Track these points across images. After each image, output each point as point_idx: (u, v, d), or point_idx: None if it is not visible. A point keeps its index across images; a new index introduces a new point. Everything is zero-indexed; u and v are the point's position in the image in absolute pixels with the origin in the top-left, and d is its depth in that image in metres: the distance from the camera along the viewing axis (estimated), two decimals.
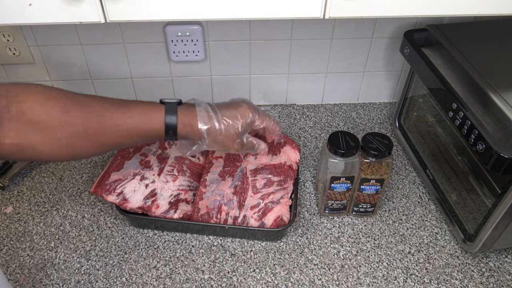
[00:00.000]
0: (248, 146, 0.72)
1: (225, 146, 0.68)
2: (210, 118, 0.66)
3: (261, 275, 0.74)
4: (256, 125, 0.72)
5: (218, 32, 0.95)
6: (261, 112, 0.72)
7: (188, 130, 0.65)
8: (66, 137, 0.56)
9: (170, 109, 0.64)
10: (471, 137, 0.64)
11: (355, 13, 0.57)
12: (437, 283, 0.73)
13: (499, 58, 0.75)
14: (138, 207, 0.76)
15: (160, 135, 0.64)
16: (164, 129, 0.63)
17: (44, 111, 0.55)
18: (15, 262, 0.76)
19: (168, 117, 0.63)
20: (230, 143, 0.68)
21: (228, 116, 0.67)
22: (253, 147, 0.74)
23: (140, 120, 0.62)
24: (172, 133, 0.64)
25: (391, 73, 1.07)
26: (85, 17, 0.55)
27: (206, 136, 0.65)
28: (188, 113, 0.65)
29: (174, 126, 0.63)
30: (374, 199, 0.80)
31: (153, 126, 0.63)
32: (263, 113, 0.73)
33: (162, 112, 0.63)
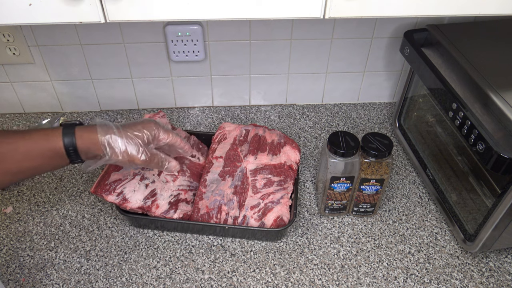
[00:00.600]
0: (155, 161, 0.69)
1: (129, 157, 0.66)
2: (109, 128, 0.65)
3: (261, 275, 0.74)
4: (161, 139, 0.70)
5: (218, 32, 0.95)
6: (166, 128, 0.71)
7: (88, 145, 0.63)
8: None
9: (67, 127, 0.63)
10: (471, 137, 0.64)
11: (355, 13, 0.57)
12: (437, 283, 0.73)
13: (499, 58, 0.75)
14: (138, 207, 0.76)
15: (61, 154, 0.62)
16: (63, 146, 0.62)
17: None
18: (15, 262, 0.76)
19: (66, 133, 0.62)
20: (133, 154, 0.65)
21: (130, 128, 0.67)
22: (162, 162, 0.70)
23: (38, 139, 0.61)
24: (73, 150, 0.62)
25: (391, 73, 1.07)
26: (85, 17, 0.55)
27: (107, 146, 0.64)
28: (88, 129, 0.64)
29: (72, 141, 0.62)
30: (374, 199, 0.80)
31: (52, 145, 0.61)
32: (169, 130, 0.72)
33: (59, 131, 0.62)
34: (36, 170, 0.65)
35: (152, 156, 0.68)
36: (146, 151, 0.67)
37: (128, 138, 0.65)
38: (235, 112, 1.09)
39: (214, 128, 1.05)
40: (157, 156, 0.70)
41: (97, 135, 0.63)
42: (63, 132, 0.62)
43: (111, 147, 0.64)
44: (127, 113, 1.09)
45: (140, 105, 1.09)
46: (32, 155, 0.61)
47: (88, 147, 0.63)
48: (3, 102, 1.05)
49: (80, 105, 1.08)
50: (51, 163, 0.64)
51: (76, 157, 0.64)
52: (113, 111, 1.09)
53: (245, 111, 1.10)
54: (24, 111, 1.08)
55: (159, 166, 0.71)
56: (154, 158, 0.69)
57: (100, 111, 1.09)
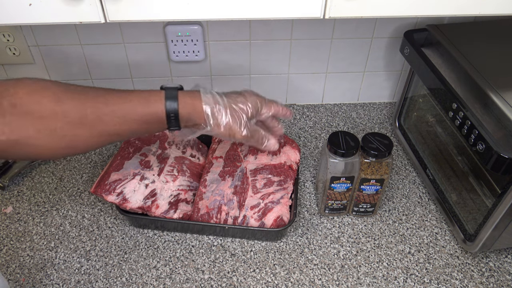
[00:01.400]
0: (256, 137, 0.67)
1: (231, 131, 0.63)
2: (214, 98, 0.62)
3: (261, 275, 0.74)
4: (264, 112, 0.68)
5: (218, 32, 0.95)
6: (267, 99, 0.69)
7: (190, 112, 0.61)
8: (60, 127, 0.54)
9: (171, 92, 0.60)
10: (471, 137, 0.64)
11: (355, 13, 0.57)
12: (437, 283, 0.73)
13: (499, 58, 0.75)
14: (138, 207, 0.76)
15: (161, 120, 0.60)
16: (165, 112, 0.59)
17: (35, 101, 0.53)
18: (15, 262, 0.76)
19: (169, 99, 0.59)
20: (235, 128, 0.63)
21: (234, 99, 0.64)
22: (262, 139, 0.68)
23: (138, 103, 0.58)
24: (174, 117, 0.60)
25: (391, 73, 1.07)
26: (85, 17, 0.55)
27: (210, 116, 0.61)
28: (191, 95, 0.61)
29: (175, 107, 0.59)
30: (374, 199, 0.80)
31: (153, 110, 0.59)
32: (270, 100, 0.69)
33: (162, 95, 0.60)
34: (133, 133, 0.62)
35: (254, 132, 0.66)
36: (249, 126, 0.64)
37: (232, 110, 0.62)
38: None
39: None
40: (258, 132, 0.67)
41: (201, 103, 0.61)
42: (165, 96, 0.59)
43: (214, 118, 0.61)
44: None
45: None
46: (131, 118, 0.58)
47: (190, 115, 0.61)
48: None
49: None
50: (149, 128, 0.62)
51: (176, 124, 0.61)
52: None
53: None
54: None
55: (259, 144, 0.69)
56: (255, 134, 0.67)
57: None
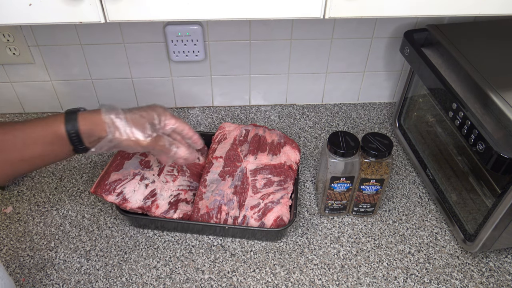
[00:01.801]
0: (161, 143, 0.65)
1: (134, 138, 0.62)
2: (114, 109, 0.63)
3: (261, 275, 0.74)
4: (168, 123, 0.67)
5: (218, 32, 0.95)
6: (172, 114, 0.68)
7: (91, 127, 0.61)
8: None
9: (70, 112, 0.62)
10: (471, 137, 0.64)
11: (355, 13, 0.57)
12: (437, 283, 0.73)
13: (499, 58, 0.75)
14: (138, 207, 0.76)
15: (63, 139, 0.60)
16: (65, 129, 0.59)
17: None
18: (15, 262, 0.76)
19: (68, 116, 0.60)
20: (139, 134, 0.63)
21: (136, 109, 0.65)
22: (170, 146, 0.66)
23: (38, 125, 0.60)
24: (74, 134, 0.60)
25: (391, 73, 1.07)
26: (85, 17, 0.55)
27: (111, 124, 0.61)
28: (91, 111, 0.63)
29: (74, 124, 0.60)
30: (374, 199, 0.80)
31: (53, 129, 0.59)
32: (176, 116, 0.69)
33: (62, 115, 0.61)
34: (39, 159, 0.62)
35: (158, 138, 0.65)
36: (152, 133, 0.64)
37: (134, 118, 0.63)
38: (235, 112, 1.09)
39: (214, 128, 1.05)
40: (163, 139, 0.66)
41: (101, 115, 0.61)
42: (65, 116, 0.60)
43: (115, 126, 0.61)
44: None
45: (140, 105, 1.09)
46: (33, 141, 0.59)
47: (91, 128, 0.61)
48: (3, 102, 1.05)
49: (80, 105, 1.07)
50: (54, 150, 0.61)
51: (79, 142, 0.61)
52: None
53: (245, 111, 1.10)
54: (24, 111, 1.08)
55: (166, 151, 0.67)
56: (160, 141, 0.65)
57: None
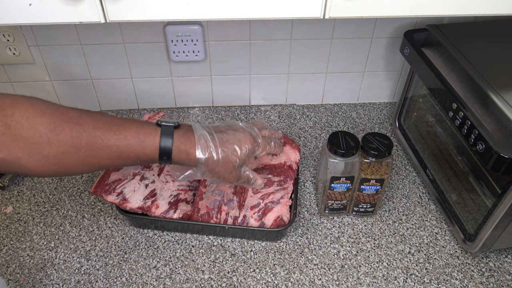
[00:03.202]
0: (244, 180, 0.68)
1: (220, 177, 0.65)
2: (208, 147, 0.62)
3: (261, 275, 0.74)
4: (257, 154, 0.68)
5: (218, 32, 0.95)
6: (261, 141, 0.68)
7: (184, 158, 0.61)
8: (53, 155, 0.53)
9: (166, 133, 0.60)
10: (471, 137, 0.64)
11: (355, 13, 0.57)
12: (437, 283, 0.73)
13: (499, 58, 0.75)
14: (138, 207, 0.76)
15: (154, 159, 0.61)
16: (158, 154, 0.60)
17: (31, 127, 0.52)
18: (15, 262, 0.76)
19: (163, 142, 0.59)
20: (226, 174, 0.64)
21: (227, 146, 0.64)
22: (249, 181, 0.69)
23: (133, 143, 0.58)
24: (166, 158, 0.60)
25: (391, 73, 1.07)
26: (85, 17, 0.55)
27: (203, 166, 0.62)
28: (185, 140, 0.61)
29: (169, 151, 0.60)
30: (374, 199, 0.80)
31: (147, 151, 0.59)
32: (265, 141, 0.69)
33: (157, 136, 0.60)
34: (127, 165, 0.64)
35: (242, 177, 0.67)
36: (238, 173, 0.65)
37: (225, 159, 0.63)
38: (235, 112, 1.09)
39: None
40: (246, 176, 0.68)
41: (195, 151, 0.61)
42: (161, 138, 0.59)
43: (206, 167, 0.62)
44: (127, 113, 1.09)
45: (140, 105, 1.09)
46: (124, 157, 0.59)
47: (182, 160, 0.61)
48: None
49: (80, 105, 1.07)
50: (140, 163, 0.63)
51: (167, 162, 0.61)
52: (113, 111, 1.09)
53: (245, 111, 1.10)
54: None
55: (246, 184, 0.70)
56: (243, 178, 0.68)
57: (100, 111, 1.09)
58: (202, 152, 0.61)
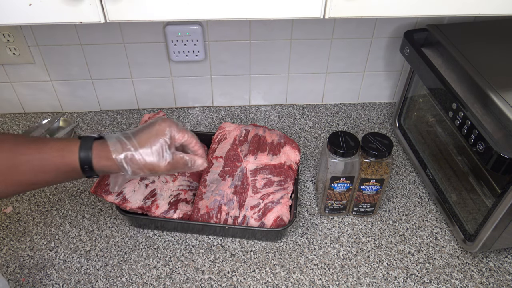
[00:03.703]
0: (179, 164, 0.65)
1: (152, 169, 0.62)
2: (123, 146, 0.61)
3: (261, 275, 0.74)
4: (177, 139, 0.65)
5: (218, 32, 0.95)
6: (180, 126, 0.66)
7: (106, 164, 0.60)
8: None
9: (85, 142, 0.60)
10: (471, 137, 0.64)
11: (355, 13, 0.57)
12: (437, 283, 0.73)
13: (499, 58, 0.75)
14: (138, 207, 0.76)
15: (76, 170, 0.60)
16: (79, 163, 0.59)
17: None
18: (15, 262, 0.76)
19: (83, 150, 0.59)
20: (155, 165, 0.62)
21: (144, 139, 0.62)
22: (186, 163, 0.66)
23: (53, 154, 0.58)
24: (88, 168, 0.60)
25: (391, 73, 1.07)
26: (85, 17, 0.55)
27: (125, 165, 0.61)
28: (104, 147, 0.61)
29: (89, 159, 0.59)
30: (374, 199, 0.80)
31: (67, 161, 0.59)
32: (184, 128, 0.67)
33: (76, 146, 0.59)
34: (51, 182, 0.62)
35: (176, 162, 0.64)
36: (168, 158, 0.63)
37: (145, 151, 0.62)
38: (235, 112, 1.09)
39: (214, 128, 1.05)
40: (182, 159, 0.65)
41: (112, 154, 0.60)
42: (80, 148, 0.59)
43: (129, 166, 0.61)
44: (127, 113, 1.09)
45: (140, 105, 1.09)
46: (46, 170, 0.58)
47: (105, 167, 0.61)
48: (3, 102, 1.05)
49: (80, 105, 1.08)
50: (66, 177, 0.62)
51: (92, 173, 0.61)
52: (113, 111, 1.09)
53: (245, 111, 1.10)
54: (24, 111, 1.08)
55: (185, 168, 0.66)
56: (179, 163, 0.64)
57: (100, 111, 1.09)
58: (118, 152, 0.60)
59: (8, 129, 1.03)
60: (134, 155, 0.61)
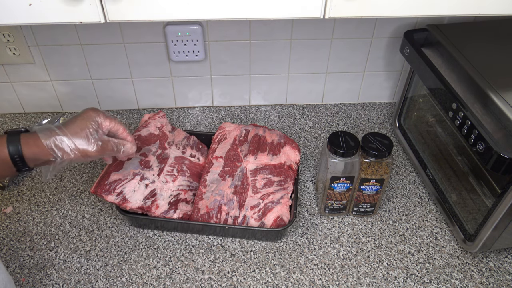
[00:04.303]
0: (110, 147, 0.67)
1: (82, 152, 0.64)
2: (52, 131, 0.62)
3: (261, 275, 0.74)
4: (104, 125, 0.67)
5: (218, 32, 0.95)
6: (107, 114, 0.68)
7: (36, 151, 0.61)
8: None
9: (12, 135, 0.61)
10: (471, 137, 0.64)
11: (355, 13, 0.57)
12: (437, 283, 0.73)
13: (499, 58, 0.75)
14: (138, 207, 0.76)
15: (7, 163, 0.60)
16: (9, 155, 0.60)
17: None
18: (15, 262, 0.76)
19: (11, 142, 0.60)
20: (84, 148, 0.63)
21: (71, 125, 0.64)
22: (115, 146, 0.68)
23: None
24: (19, 159, 0.60)
25: (391, 73, 1.07)
26: (85, 17, 0.55)
27: (55, 148, 0.61)
28: (31, 136, 0.62)
29: (17, 149, 0.60)
30: (374, 199, 0.80)
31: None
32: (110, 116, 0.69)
33: (4, 140, 0.60)
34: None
35: (105, 144, 0.66)
36: (97, 141, 0.65)
37: (73, 133, 0.63)
38: (235, 112, 1.09)
39: (214, 128, 1.05)
40: (110, 142, 0.67)
41: (41, 140, 0.61)
42: (7, 140, 0.60)
43: (59, 149, 0.62)
44: (127, 113, 1.09)
45: (140, 105, 1.09)
46: None
47: (36, 154, 0.61)
48: (3, 102, 1.05)
49: (80, 105, 1.08)
50: None
51: (23, 165, 0.61)
52: (113, 111, 1.09)
53: (245, 111, 1.10)
54: (24, 111, 1.08)
55: (116, 152, 0.69)
56: (107, 145, 0.67)
57: None
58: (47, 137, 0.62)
59: (8, 129, 1.03)
60: (63, 138, 0.62)
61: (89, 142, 0.64)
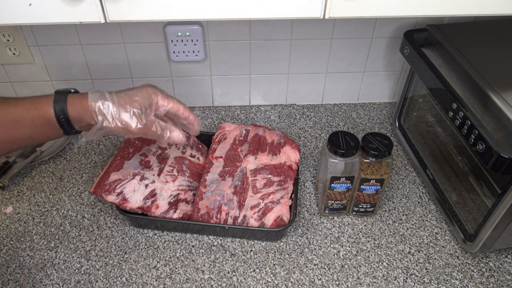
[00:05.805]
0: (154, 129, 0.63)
1: (123, 125, 0.60)
2: (102, 94, 0.60)
3: (261, 275, 0.74)
4: (160, 105, 0.64)
5: (218, 32, 0.95)
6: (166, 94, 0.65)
7: (81, 112, 0.59)
8: None
9: (60, 95, 0.59)
10: (471, 137, 0.64)
11: (355, 13, 0.57)
12: (437, 283, 0.73)
13: (499, 58, 0.75)
14: (138, 207, 0.76)
15: (52, 123, 0.58)
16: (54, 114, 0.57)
17: None
18: (15, 262, 0.76)
19: (57, 101, 0.58)
20: (127, 120, 0.60)
21: (123, 95, 0.61)
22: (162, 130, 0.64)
23: (26, 107, 0.57)
24: (64, 119, 0.58)
25: (391, 73, 1.07)
26: (85, 17, 0.55)
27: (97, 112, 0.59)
28: (80, 96, 0.60)
29: (63, 108, 0.58)
30: (374, 199, 0.80)
31: (42, 113, 0.57)
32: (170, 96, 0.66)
33: (51, 98, 0.58)
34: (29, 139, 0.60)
35: (149, 123, 0.62)
36: (141, 118, 0.61)
37: (121, 103, 0.60)
38: (235, 112, 1.09)
39: (214, 128, 1.05)
40: (155, 123, 0.63)
41: (88, 100, 0.59)
42: (54, 99, 0.58)
43: (102, 114, 0.59)
44: None
45: None
46: (22, 123, 0.57)
47: (80, 115, 0.59)
48: None
49: None
50: (44, 132, 0.60)
51: (69, 127, 0.59)
52: None
53: (245, 111, 1.10)
54: None
55: (159, 136, 0.64)
56: (152, 126, 0.63)
57: None
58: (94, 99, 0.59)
59: None
60: (110, 104, 0.60)
61: (133, 120, 0.61)
